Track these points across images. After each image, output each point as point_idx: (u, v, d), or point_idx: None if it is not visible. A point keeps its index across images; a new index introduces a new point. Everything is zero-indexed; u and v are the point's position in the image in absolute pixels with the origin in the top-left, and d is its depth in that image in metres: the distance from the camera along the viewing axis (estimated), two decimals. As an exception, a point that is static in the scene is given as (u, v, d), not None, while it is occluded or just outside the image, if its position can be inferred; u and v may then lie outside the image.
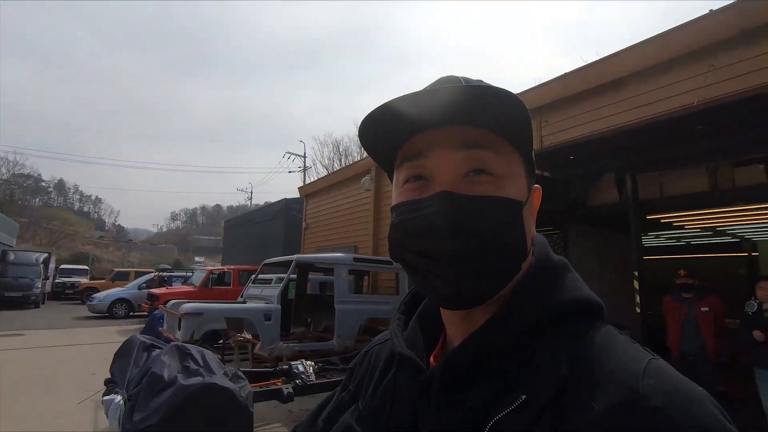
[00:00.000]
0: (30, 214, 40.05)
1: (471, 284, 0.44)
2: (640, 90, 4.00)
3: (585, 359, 0.41)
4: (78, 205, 75.52)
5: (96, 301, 13.56)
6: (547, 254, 0.52)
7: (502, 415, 0.40)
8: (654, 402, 0.36)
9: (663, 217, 7.11)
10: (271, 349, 5.27)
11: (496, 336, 0.45)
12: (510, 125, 0.47)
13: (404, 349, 0.52)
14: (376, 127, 0.49)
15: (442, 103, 0.44)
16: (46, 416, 4.33)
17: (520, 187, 0.48)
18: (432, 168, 0.47)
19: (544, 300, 0.46)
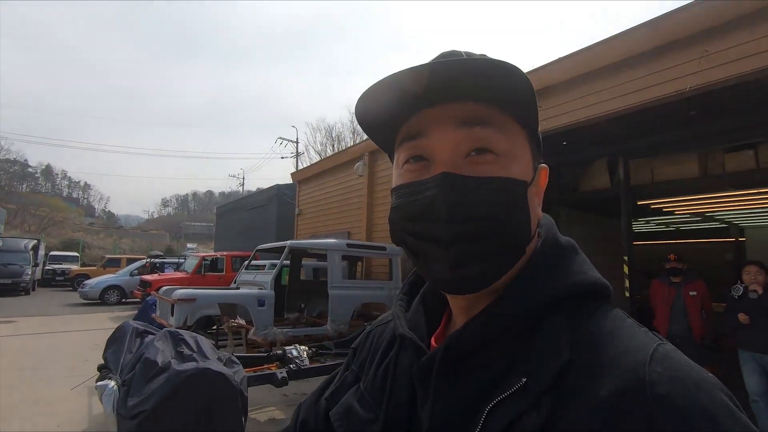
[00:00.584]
0: (17, 201, 39.42)
1: (471, 269, 0.43)
2: (632, 76, 3.98)
3: (589, 343, 0.40)
4: (66, 192, 74.51)
5: (87, 288, 13.46)
6: (554, 236, 0.50)
7: (500, 399, 0.40)
8: (659, 389, 0.35)
9: (653, 203, 7.20)
10: (265, 335, 5.29)
11: (498, 320, 0.44)
12: (515, 101, 0.45)
13: (406, 331, 0.51)
14: (373, 106, 0.47)
15: (441, 78, 0.42)
16: (41, 402, 4.34)
17: (525, 167, 0.46)
18: (432, 148, 0.45)
19: (549, 283, 0.44)
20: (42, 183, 69.02)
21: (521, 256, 0.46)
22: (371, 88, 0.45)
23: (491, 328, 0.44)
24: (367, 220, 8.72)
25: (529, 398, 0.38)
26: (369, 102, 0.46)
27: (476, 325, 0.44)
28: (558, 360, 0.39)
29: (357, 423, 0.53)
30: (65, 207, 49.04)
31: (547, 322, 0.42)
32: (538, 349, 0.41)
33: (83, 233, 39.67)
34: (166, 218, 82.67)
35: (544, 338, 0.41)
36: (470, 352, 0.44)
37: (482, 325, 0.44)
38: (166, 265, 14.47)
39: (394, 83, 0.43)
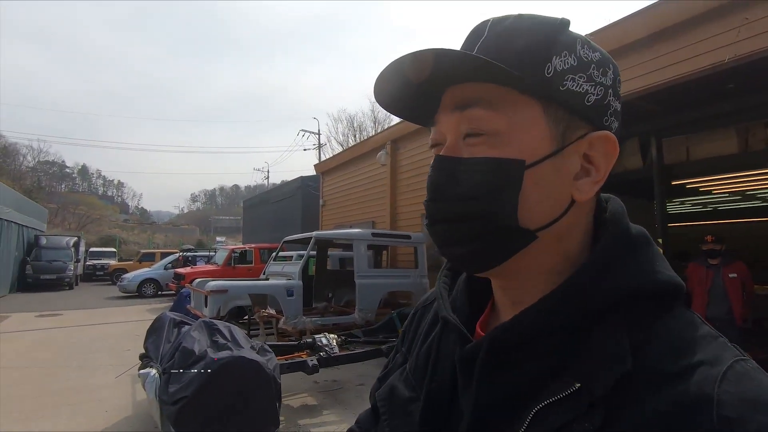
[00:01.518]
0: (57, 200, 41.41)
1: (457, 250, 0.44)
2: (665, 49, 3.79)
3: (653, 351, 0.36)
4: (102, 190, 77.70)
5: (126, 282, 14.10)
6: (626, 227, 0.44)
7: (550, 402, 0.37)
8: (728, 411, 0.31)
9: (689, 182, 6.90)
10: (295, 324, 5.42)
11: (551, 316, 0.40)
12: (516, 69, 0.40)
13: (449, 314, 0.49)
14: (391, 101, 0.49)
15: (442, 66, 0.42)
16: (88, 389, 4.60)
17: (528, 143, 0.41)
18: (441, 133, 0.46)
19: (613, 280, 0.40)
20: (79, 182, 72.21)
21: (527, 240, 0.42)
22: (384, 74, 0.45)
23: (543, 324, 0.40)
24: (391, 209, 8.73)
25: (582, 405, 0.35)
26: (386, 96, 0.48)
27: (526, 319, 0.41)
28: (619, 367, 0.35)
29: (399, 403, 0.52)
30: (101, 205, 51.27)
31: (607, 322, 0.39)
32: (594, 351, 0.37)
33: (119, 229, 41.41)
34: (196, 213, 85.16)
35: (602, 340, 0.38)
36: (518, 346, 0.42)
37: (533, 319, 0.41)
38: (197, 258, 14.96)
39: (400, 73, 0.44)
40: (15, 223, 14.49)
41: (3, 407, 4.07)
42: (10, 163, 40.31)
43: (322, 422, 3.79)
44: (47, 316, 9.66)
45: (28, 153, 46.54)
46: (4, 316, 9.37)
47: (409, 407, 0.51)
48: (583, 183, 0.43)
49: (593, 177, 0.44)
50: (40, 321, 9.09)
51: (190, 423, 2.99)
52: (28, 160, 46.66)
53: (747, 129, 4.81)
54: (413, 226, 8.03)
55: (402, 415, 0.51)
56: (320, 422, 3.79)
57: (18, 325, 8.54)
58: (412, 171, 8.30)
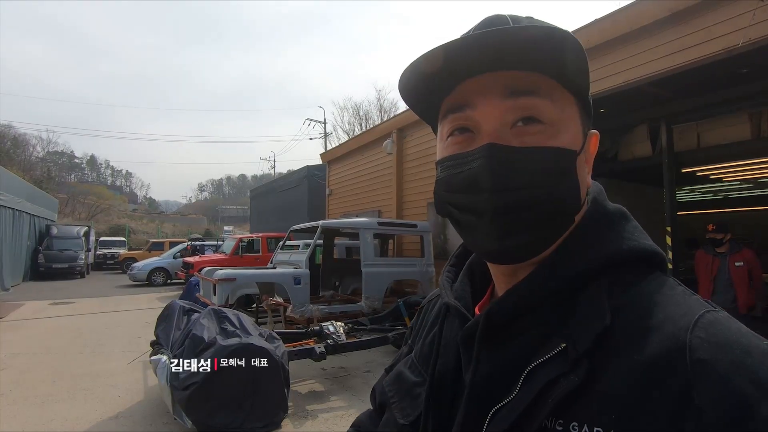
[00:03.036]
0: (67, 190, 41.87)
1: (518, 239, 0.43)
2: (676, 34, 3.71)
3: (632, 309, 0.40)
4: (111, 180, 78.37)
5: (136, 271, 14.30)
6: (602, 203, 0.49)
7: (539, 362, 0.40)
8: (700, 354, 0.34)
9: (700, 170, 6.80)
10: (302, 312, 5.48)
11: (538, 288, 0.44)
12: (562, 67, 0.43)
13: (451, 300, 0.53)
14: (418, 79, 0.46)
15: (486, 48, 0.41)
16: (102, 375, 4.71)
17: (574, 135, 0.45)
18: (477, 119, 0.45)
19: (592, 251, 0.44)
20: (88, 173, 72.87)
21: (570, 225, 0.45)
22: (415, 62, 0.44)
23: (531, 295, 0.44)
24: (397, 198, 8.73)
25: (567, 361, 0.38)
26: (412, 75, 0.46)
27: (517, 293, 0.45)
28: (598, 324, 0.39)
29: (405, 386, 0.56)
30: (110, 195, 51.73)
31: (590, 288, 0.42)
32: (579, 315, 0.41)
33: (128, 219, 41.83)
34: (203, 202, 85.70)
35: (584, 305, 0.41)
36: (511, 319, 0.45)
37: (522, 293, 0.44)
38: (205, 247, 15.11)
39: (437, 56, 0.43)
40: (27, 213, 14.69)
41: (20, 392, 4.19)
42: (20, 154, 40.71)
43: (329, 408, 3.85)
44: (60, 304, 9.85)
45: (37, 143, 46.85)
46: (18, 304, 9.57)
47: (415, 390, 0.54)
48: (587, 172, 0.49)
49: (589, 168, 0.49)
50: (53, 309, 9.27)
51: (200, 408, 3.06)
52: (38, 151, 47.00)
53: (760, 114, 4.72)
54: (419, 215, 8.03)
55: (409, 397, 0.54)
56: (328, 408, 3.85)
57: (32, 312, 8.72)
58: (418, 159, 8.27)
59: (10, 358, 5.32)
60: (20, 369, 4.92)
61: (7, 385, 4.36)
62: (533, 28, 0.41)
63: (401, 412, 0.54)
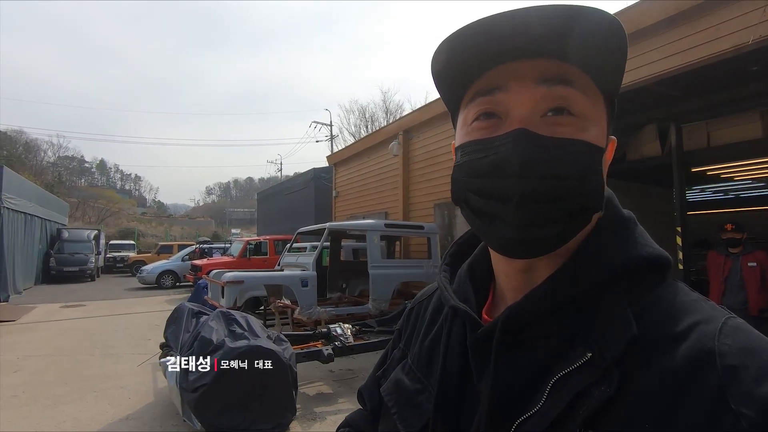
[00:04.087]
0: (78, 194, 42.37)
1: (540, 231, 0.41)
2: (685, 32, 3.68)
3: (655, 317, 0.39)
4: (120, 184, 79.15)
5: (145, 273, 14.44)
6: (617, 208, 0.49)
7: (567, 371, 0.39)
8: (730, 360, 0.34)
9: (710, 169, 6.72)
10: (310, 314, 5.49)
11: (561, 291, 0.42)
12: (602, 62, 0.42)
13: (458, 303, 0.50)
14: (451, 57, 0.44)
15: (526, 31, 0.39)
16: (112, 377, 4.75)
17: (600, 133, 0.44)
18: (508, 104, 0.43)
19: (612, 256, 0.43)
20: (98, 177, 73.64)
21: (587, 224, 0.44)
22: (451, 38, 0.43)
23: (553, 300, 0.43)
24: (403, 200, 8.72)
25: (597, 371, 0.37)
26: (446, 52, 0.44)
27: (538, 296, 0.43)
28: (627, 333, 0.38)
29: (406, 394, 0.54)
30: (120, 199, 52.22)
31: (608, 294, 0.41)
32: (602, 322, 0.40)
33: (137, 222, 42.23)
34: (211, 205, 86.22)
35: (608, 311, 0.40)
36: (530, 324, 0.44)
37: (544, 296, 0.43)
38: (213, 250, 15.22)
39: (475, 34, 0.41)
40: (38, 217, 14.89)
41: (32, 393, 4.24)
42: (31, 159, 41.35)
43: (337, 410, 3.85)
44: (72, 307, 9.97)
45: (48, 149, 47.56)
46: (31, 307, 9.70)
47: (417, 398, 0.52)
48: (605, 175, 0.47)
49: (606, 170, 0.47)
50: (65, 311, 9.39)
51: (209, 409, 3.08)
52: (49, 156, 47.71)
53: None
54: (426, 217, 8.02)
55: (410, 406, 0.52)
56: (336, 410, 3.85)
57: (44, 315, 8.83)
58: (424, 161, 8.27)
59: (23, 360, 5.40)
60: (33, 370, 4.98)
61: (20, 387, 4.42)
62: (578, 10, 0.38)
63: (403, 423, 0.52)
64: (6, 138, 40.73)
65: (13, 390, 4.33)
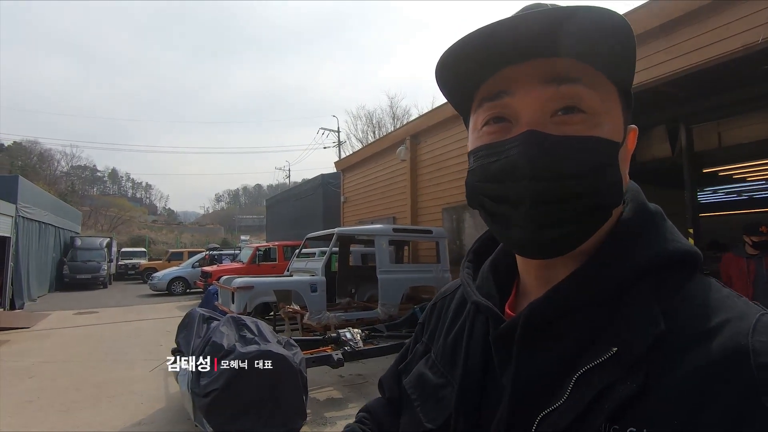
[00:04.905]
0: (90, 203, 43.07)
1: (555, 231, 0.41)
2: (693, 32, 3.66)
3: (685, 313, 0.38)
4: (131, 192, 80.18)
5: (156, 280, 14.60)
6: (643, 202, 0.47)
7: (591, 367, 0.38)
8: (764, 358, 0.33)
9: (721, 170, 6.64)
10: (319, 319, 5.50)
11: (585, 287, 0.42)
12: (607, 54, 0.41)
13: (480, 299, 0.51)
14: (454, 66, 0.44)
15: (524, 33, 0.40)
16: (125, 382, 4.80)
17: (616, 126, 0.43)
18: (516, 107, 0.43)
19: (639, 250, 0.42)
20: (109, 185, 74.76)
21: (607, 219, 0.43)
22: (452, 47, 0.43)
23: (577, 295, 0.42)
24: (411, 204, 8.72)
25: (621, 367, 0.37)
26: (449, 62, 0.44)
27: (561, 292, 0.43)
28: (654, 329, 0.37)
29: (429, 388, 0.54)
30: (131, 207, 52.90)
31: (636, 290, 0.41)
32: (628, 317, 0.39)
33: (148, 230, 42.72)
34: (220, 212, 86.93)
35: (633, 307, 0.40)
36: (553, 319, 0.43)
37: (567, 292, 0.42)
38: (223, 256, 15.37)
39: (476, 41, 0.41)
40: (52, 226, 15.15)
41: (47, 399, 4.30)
42: (45, 169, 42.12)
43: (347, 415, 3.85)
44: (85, 314, 10.10)
45: (62, 158, 48.45)
46: (45, 314, 9.85)
47: (440, 392, 0.53)
48: (626, 168, 0.46)
49: (628, 163, 0.47)
50: (78, 318, 9.51)
51: (221, 414, 3.10)
52: (62, 165, 48.58)
53: (784, 112, 4.60)
54: (434, 221, 8.01)
55: (434, 400, 0.53)
56: (346, 415, 3.85)
57: (58, 322, 8.96)
58: (432, 165, 8.27)
59: (38, 366, 5.48)
60: (47, 376, 5.06)
61: (35, 392, 4.49)
62: (574, 10, 0.38)
63: (426, 416, 0.52)
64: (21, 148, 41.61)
65: (29, 395, 4.40)
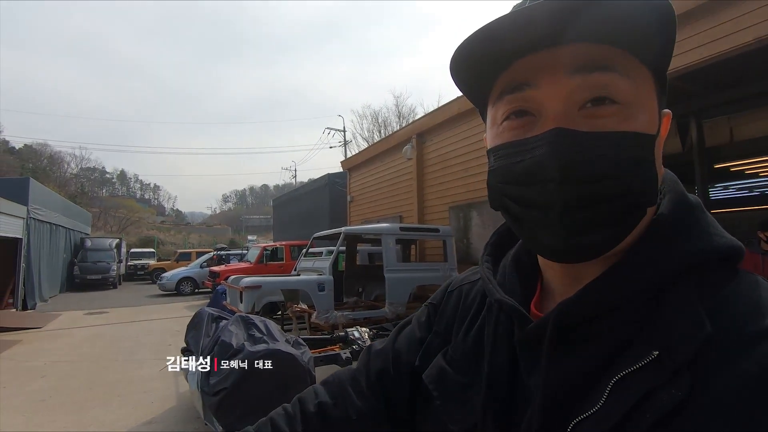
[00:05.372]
0: (99, 204, 43.54)
1: (589, 237, 0.38)
2: (705, 25, 3.60)
3: (732, 314, 0.35)
4: (139, 193, 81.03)
5: (165, 281, 14.74)
6: (682, 194, 0.43)
7: (630, 371, 0.35)
8: None
9: (733, 165, 6.55)
10: (327, 318, 5.51)
11: (620, 287, 0.39)
12: (642, 35, 0.37)
13: (504, 297, 0.47)
14: (471, 57, 0.41)
15: (548, 16, 0.35)
16: (136, 381, 4.85)
17: (651, 116, 0.40)
18: (540, 99, 0.39)
19: (680, 247, 0.39)
20: (118, 187, 75.61)
21: (643, 217, 0.40)
22: (468, 38, 0.39)
23: (612, 295, 0.39)
24: (418, 203, 8.71)
25: (664, 372, 0.34)
26: (466, 53, 0.41)
27: (595, 292, 0.39)
28: (700, 332, 0.34)
29: (452, 387, 0.50)
30: (140, 208, 53.48)
31: (678, 289, 0.37)
32: (669, 318, 0.36)
33: (156, 231, 43.12)
34: (227, 213, 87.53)
35: (676, 307, 0.36)
36: (585, 321, 0.40)
37: (601, 292, 0.39)
38: (231, 256, 15.45)
39: (495, 27, 0.38)
40: (62, 227, 15.34)
41: (59, 398, 4.35)
42: (55, 171, 42.71)
43: (356, 414, 3.85)
44: (95, 314, 10.22)
45: (71, 161, 49.18)
46: (56, 314, 9.97)
47: (466, 393, 0.49)
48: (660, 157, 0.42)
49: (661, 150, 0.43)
50: (89, 318, 9.63)
51: (231, 413, 3.11)
52: (72, 167, 49.28)
53: (798, 106, 4.52)
54: (441, 220, 7.98)
55: (458, 401, 0.49)
56: (355, 414, 3.85)
57: (69, 322, 9.07)
58: (438, 164, 8.25)
59: (50, 366, 5.55)
60: (59, 376, 5.12)
61: (47, 392, 4.55)
62: None
63: (450, 418, 0.49)
64: (31, 151, 42.19)
65: (41, 395, 4.45)
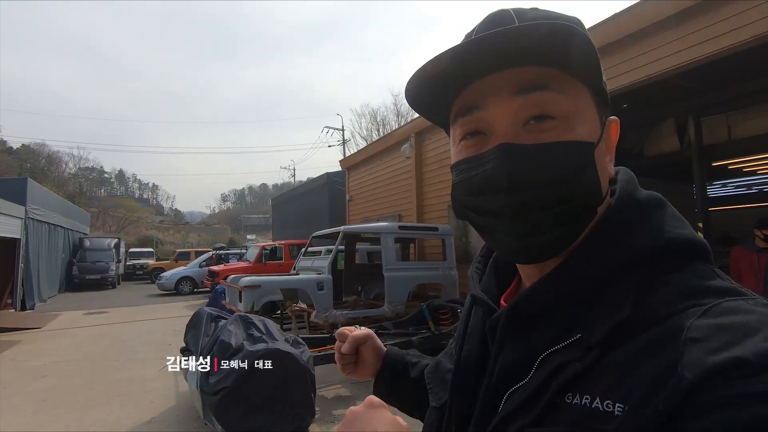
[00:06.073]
0: (98, 204, 43.46)
1: (539, 238, 0.43)
2: (703, 23, 3.61)
3: (655, 301, 0.38)
4: (138, 193, 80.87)
5: (164, 280, 14.71)
6: (630, 192, 0.47)
7: (555, 350, 0.41)
8: (694, 333, 0.33)
9: (731, 163, 6.56)
10: (326, 317, 5.51)
11: (563, 283, 0.43)
12: (570, 59, 0.42)
13: (478, 291, 0.56)
14: (423, 86, 0.46)
15: (490, 50, 0.41)
16: (136, 381, 4.85)
17: (590, 125, 0.44)
18: (488, 120, 0.44)
19: (622, 245, 0.42)
20: (117, 187, 75.42)
21: (592, 218, 0.44)
22: (418, 71, 0.44)
23: (556, 291, 0.44)
24: (417, 202, 8.71)
25: (579, 350, 0.39)
26: (417, 85, 0.46)
27: (542, 287, 0.45)
28: (616, 316, 0.38)
29: (440, 373, 0.62)
30: (138, 207, 53.37)
31: (622, 281, 0.41)
32: (601, 308, 0.40)
33: (155, 230, 43.04)
34: (226, 212, 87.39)
35: (612, 297, 0.40)
36: (537, 311, 0.45)
37: (547, 288, 0.44)
38: (230, 256, 15.42)
39: (440, 61, 0.43)
40: (61, 227, 15.31)
41: (60, 398, 4.35)
42: (53, 171, 42.59)
43: (356, 412, 3.86)
44: (95, 314, 10.21)
45: (69, 160, 48.99)
46: (56, 315, 9.97)
47: (447, 376, 0.59)
48: (608, 161, 0.48)
49: (611, 156, 0.49)
50: (88, 318, 9.62)
51: (230, 412, 3.11)
52: (70, 167, 49.10)
53: (795, 103, 4.53)
54: (440, 218, 7.99)
55: (441, 383, 0.60)
56: (354, 412, 3.86)
57: (69, 322, 9.06)
58: (437, 162, 8.25)
59: (50, 366, 5.55)
60: (60, 375, 5.12)
61: (48, 391, 4.55)
62: (535, 26, 0.40)
63: (434, 396, 0.60)
64: (29, 151, 42.06)
65: (42, 394, 4.46)
